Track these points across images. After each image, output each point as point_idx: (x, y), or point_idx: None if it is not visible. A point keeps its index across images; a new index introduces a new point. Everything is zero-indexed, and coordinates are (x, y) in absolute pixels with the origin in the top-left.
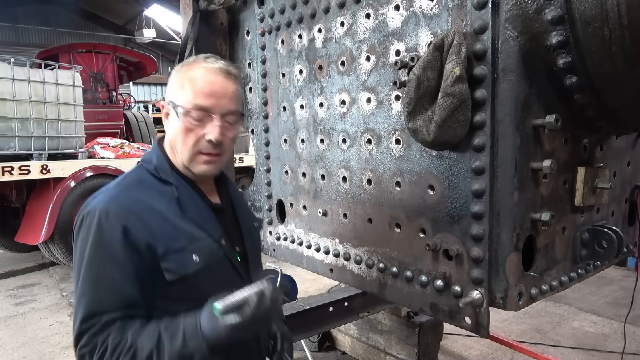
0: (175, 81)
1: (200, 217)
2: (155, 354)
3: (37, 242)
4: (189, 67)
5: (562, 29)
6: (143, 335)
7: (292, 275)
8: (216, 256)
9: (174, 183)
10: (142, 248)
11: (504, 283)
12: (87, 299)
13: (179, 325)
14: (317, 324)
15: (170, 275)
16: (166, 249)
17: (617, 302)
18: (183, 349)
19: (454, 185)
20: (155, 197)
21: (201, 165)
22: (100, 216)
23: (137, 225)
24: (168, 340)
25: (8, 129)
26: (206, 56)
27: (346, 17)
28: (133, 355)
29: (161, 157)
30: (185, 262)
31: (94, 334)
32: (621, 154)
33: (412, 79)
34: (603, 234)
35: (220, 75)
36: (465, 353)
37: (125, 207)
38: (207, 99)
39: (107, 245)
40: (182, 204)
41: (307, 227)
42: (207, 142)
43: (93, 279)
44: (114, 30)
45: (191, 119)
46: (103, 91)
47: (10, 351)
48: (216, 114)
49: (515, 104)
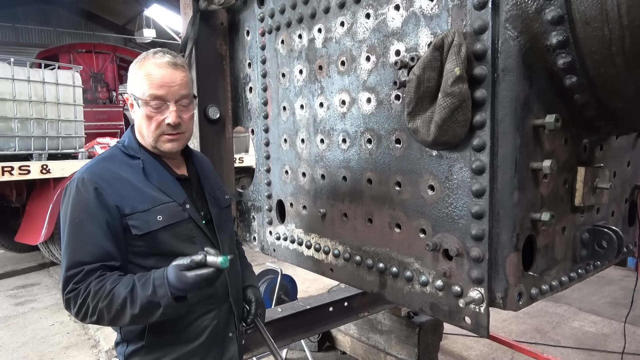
0: (133, 76)
1: (164, 185)
2: (129, 299)
3: (37, 242)
4: (141, 63)
5: (562, 29)
6: (120, 283)
7: (292, 275)
8: (180, 217)
9: (140, 157)
10: (112, 208)
11: (503, 283)
12: (70, 250)
13: (150, 276)
14: (317, 324)
15: (136, 231)
16: (132, 209)
17: (617, 302)
18: (152, 295)
19: (454, 185)
20: (124, 168)
21: (166, 144)
22: (77, 183)
23: (107, 189)
24: (140, 288)
25: (8, 129)
26: (155, 51)
27: (346, 17)
28: (110, 300)
29: (131, 138)
30: (150, 220)
31: (77, 281)
32: (621, 154)
33: (412, 79)
34: (603, 234)
35: (169, 67)
36: (465, 353)
37: (97, 174)
38: (160, 89)
39: (85, 206)
40: (147, 174)
41: (307, 227)
42: (167, 125)
43: (75, 233)
44: (114, 30)
45: (150, 108)
46: (103, 91)
47: (10, 351)
48: (170, 101)
49: (515, 104)
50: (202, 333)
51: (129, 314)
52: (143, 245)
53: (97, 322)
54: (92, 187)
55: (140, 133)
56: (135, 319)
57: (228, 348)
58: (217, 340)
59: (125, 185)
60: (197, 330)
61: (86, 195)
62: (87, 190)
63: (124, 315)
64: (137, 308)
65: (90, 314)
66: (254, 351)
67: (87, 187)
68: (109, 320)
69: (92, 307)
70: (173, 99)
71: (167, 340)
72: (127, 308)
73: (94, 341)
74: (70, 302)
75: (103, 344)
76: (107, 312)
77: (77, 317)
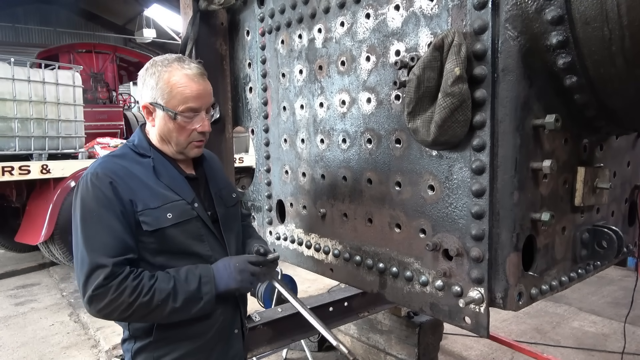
0: (159, 85)
1: (173, 183)
2: (172, 294)
3: (37, 242)
4: (169, 73)
5: (562, 29)
6: (159, 279)
7: (292, 275)
8: (189, 215)
9: (151, 156)
10: (126, 202)
11: (503, 283)
12: (91, 245)
13: (195, 272)
14: None
15: (147, 227)
16: (144, 206)
17: (617, 302)
18: (196, 291)
19: (454, 185)
20: (134, 166)
21: (193, 150)
22: (91, 177)
23: (121, 184)
24: (184, 283)
25: (8, 129)
26: (177, 58)
27: (346, 17)
28: (152, 295)
29: (142, 137)
30: (160, 217)
31: (107, 276)
32: (621, 154)
33: (412, 79)
34: (603, 234)
35: (201, 78)
36: (465, 353)
37: (111, 170)
38: (196, 101)
39: (102, 199)
40: (157, 172)
41: (307, 227)
42: (198, 134)
43: (95, 227)
44: (114, 30)
45: (184, 118)
46: (103, 91)
47: (10, 351)
48: (203, 111)
49: (515, 104)
50: (210, 330)
51: (169, 309)
52: (153, 242)
53: (128, 318)
54: (107, 181)
55: (162, 139)
56: (172, 314)
57: (233, 345)
58: (222, 336)
59: (137, 182)
60: (204, 327)
61: (102, 189)
62: (103, 184)
63: (163, 311)
64: (180, 302)
65: (123, 310)
66: (254, 351)
67: (102, 181)
68: (142, 316)
69: (129, 303)
70: (204, 109)
71: (175, 336)
72: (169, 303)
73: (94, 341)
74: (98, 299)
75: (103, 344)
76: (146, 307)
77: (101, 313)
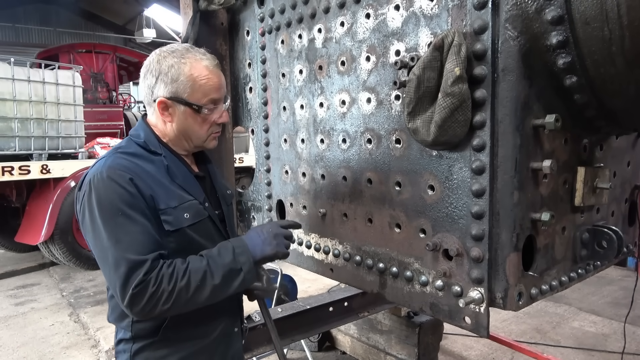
0: (181, 79)
1: (186, 183)
2: (209, 271)
3: (37, 242)
4: (189, 65)
5: (562, 29)
6: (191, 261)
7: (292, 275)
8: (202, 215)
9: (162, 154)
10: (148, 199)
11: (503, 283)
12: (123, 245)
13: (227, 246)
14: (317, 324)
15: (168, 226)
16: (165, 205)
17: (617, 302)
18: (233, 263)
19: (454, 185)
20: (147, 164)
21: (212, 142)
22: (108, 174)
23: (139, 181)
24: (218, 258)
25: (8, 129)
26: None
27: (346, 17)
28: (189, 277)
29: (149, 132)
30: (179, 217)
31: (147, 271)
32: (621, 154)
33: (412, 79)
34: (603, 234)
35: (218, 68)
36: (465, 353)
37: (127, 167)
38: (217, 93)
39: (126, 196)
40: (170, 171)
41: (307, 227)
42: (217, 125)
43: (122, 226)
44: (114, 30)
45: (207, 111)
46: (103, 91)
47: (10, 351)
48: (222, 100)
49: (515, 104)
50: (215, 330)
51: (209, 287)
52: (172, 241)
53: (169, 309)
54: (127, 177)
55: (179, 134)
56: (215, 292)
57: (233, 344)
58: (224, 336)
59: (153, 180)
60: (210, 327)
61: (124, 185)
62: (124, 180)
63: (204, 290)
64: (218, 278)
65: (165, 301)
66: (254, 351)
67: (122, 177)
68: (186, 301)
69: (169, 292)
70: (224, 99)
71: (180, 337)
72: (208, 280)
73: (94, 341)
74: (139, 296)
75: (103, 344)
76: (186, 291)
77: (144, 311)
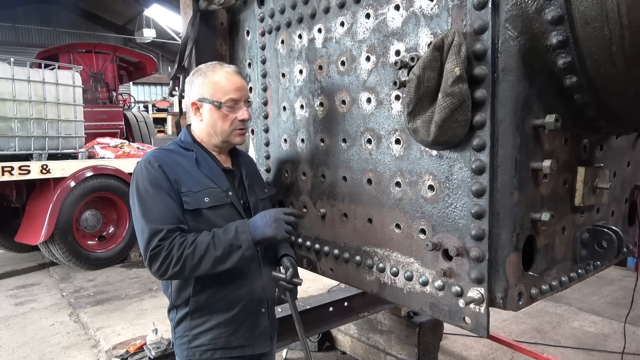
0: (204, 84)
1: (211, 173)
2: (212, 244)
3: (37, 242)
4: (212, 72)
5: (562, 29)
6: (199, 236)
7: None
8: (223, 201)
9: (194, 150)
10: (173, 182)
11: (503, 283)
12: (148, 217)
13: (232, 225)
14: (317, 324)
15: (187, 205)
16: (187, 188)
17: (617, 302)
18: (234, 239)
19: (454, 185)
20: (180, 157)
21: (237, 138)
22: (145, 163)
23: (167, 168)
24: (222, 234)
25: (8, 129)
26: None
27: (346, 17)
28: (194, 247)
29: (187, 134)
30: (199, 199)
31: (161, 238)
32: (621, 154)
33: (412, 79)
34: (603, 234)
35: (238, 75)
36: (465, 353)
37: (159, 158)
38: (236, 93)
39: (154, 179)
40: (198, 163)
41: (307, 227)
42: (240, 122)
43: (149, 202)
44: (114, 30)
45: (227, 108)
46: (103, 91)
47: (10, 351)
48: (242, 102)
49: (515, 104)
50: (236, 306)
51: (212, 258)
52: (191, 219)
53: (179, 272)
54: (156, 164)
55: (208, 131)
56: (216, 263)
57: (260, 322)
58: (249, 313)
59: (181, 169)
60: (231, 303)
61: (153, 171)
62: (154, 167)
63: (206, 259)
64: (220, 250)
65: (174, 264)
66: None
67: (153, 165)
68: (191, 267)
69: (177, 257)
70: (244, 100)
71: (208, 308)
72: (210, 252)
73: (94, 341)
74: (155, 257)
75: (103, 344)
76: (191, 258)
77: (159, 271)
